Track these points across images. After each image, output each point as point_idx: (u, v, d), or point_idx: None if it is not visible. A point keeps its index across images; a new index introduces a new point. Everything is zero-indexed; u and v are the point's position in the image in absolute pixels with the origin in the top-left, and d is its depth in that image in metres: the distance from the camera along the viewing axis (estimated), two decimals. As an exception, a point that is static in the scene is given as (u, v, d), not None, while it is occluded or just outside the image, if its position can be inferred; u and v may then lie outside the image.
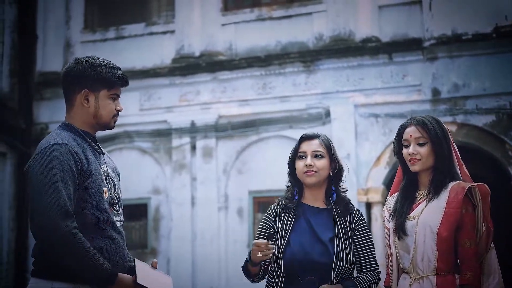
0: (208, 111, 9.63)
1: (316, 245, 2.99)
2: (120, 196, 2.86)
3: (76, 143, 2.70)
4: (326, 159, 3.08)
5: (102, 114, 2.81)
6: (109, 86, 2.79)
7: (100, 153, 2.84)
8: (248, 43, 9.66)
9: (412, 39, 8.85)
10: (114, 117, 2.86)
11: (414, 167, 3.03)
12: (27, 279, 9.83)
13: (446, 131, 3.07)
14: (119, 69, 2.85)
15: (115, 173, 2.92)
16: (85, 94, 2.77)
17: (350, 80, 9.06)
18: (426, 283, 2.91)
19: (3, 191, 9.91)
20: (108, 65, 2.79)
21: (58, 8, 10.66)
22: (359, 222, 3.09)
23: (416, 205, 3.04)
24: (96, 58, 2.83)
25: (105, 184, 2.73)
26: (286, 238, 3.04)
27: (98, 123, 2.83)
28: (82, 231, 2.57)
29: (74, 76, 2.78)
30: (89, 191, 2.65)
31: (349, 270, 3.01)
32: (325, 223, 3.06)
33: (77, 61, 2.81)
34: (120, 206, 2.84)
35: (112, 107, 2.83)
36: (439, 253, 2.89)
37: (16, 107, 10.34)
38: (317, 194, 3.11)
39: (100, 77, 2.77)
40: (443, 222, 2.89)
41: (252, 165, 9.46)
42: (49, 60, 10.53)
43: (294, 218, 3.08)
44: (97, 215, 2.62)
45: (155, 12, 10.59)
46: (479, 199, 2.92)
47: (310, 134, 3.18)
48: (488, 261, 2.97)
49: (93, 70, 2.77)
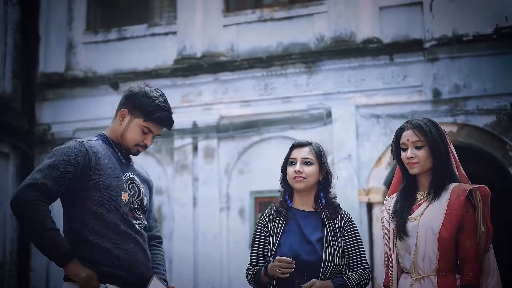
0: (209, 112, 9.65)
1: (305, 245, 3.12)
2: (144, 202, 3.02)
3: (100, 147, 2.92)
4: (315, 166, 3.22)
5: (126, 137, 2.98)
6: (146, 118, 2.95)
7: (125, 163, 3.01)
8: (249, 44, 9.69)
9: (413, 40, 8.87)
10: (137, 146, 3.01)
11: (413, 170, 3.08)
12: (30, 278, 9.91)
13: (443, 133, 3.11)
14: (166, 111, 2.98)
15: (144, 182, 3.09)
16: (123, 113, 2.99)
17: (351, 81, 9.08)
18: (427, 283, 2.96)
19: (6, 191, 9.94)
20: (158, 101, 2.95)
21: (61, 10, 10.68)
22: (347, 223, 3.23)
23: (417, 206, 3.08)
24: (153, 90, 3.00)
25: (125, 189, 2.90)
26: (277, 240, 3.18)
27: (122, 143, 3.01)
28: (101, 231, 2.80)
29: (126, 95, 3.02)
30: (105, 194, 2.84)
31: (339, 270, 3.12)
32: (314, 225, 3.19)
33: (140, 85, 3.04)
34: (143, 211, 3.01)
35: (139, 137, 2.98)
36: (440, 253, 2.94)
37: (19, 108, 10.36)
38: (307, 200, 3.26)
39: (142, 107, 2.94)
40: (444, 223, 2.94)
41: (253, 165, 9.48)
42: (51, 61, 10.56)
43: (285, 221, 3.23)
44: (114, 216, 2.80)
45: (157, 13, 10.62)
46: (479, 200, 2.97)
47: (300, 142, 3.32)
48: (487, 261, 3.02)
49: (141, 97, 2.95)
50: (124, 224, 2.87)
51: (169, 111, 3.00)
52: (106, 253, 2.79)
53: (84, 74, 10.39)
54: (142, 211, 3.00)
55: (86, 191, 2.83)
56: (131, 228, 2.89)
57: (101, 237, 2.81)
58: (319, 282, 3.01)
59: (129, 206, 2.90)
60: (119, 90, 10.01)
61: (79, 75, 10.39)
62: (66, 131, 10.26)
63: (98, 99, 10.10)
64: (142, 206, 3.00)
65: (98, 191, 2.83)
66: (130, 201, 2.91)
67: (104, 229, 2.83)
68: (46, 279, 9.87)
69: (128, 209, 2.89)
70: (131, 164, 3.07)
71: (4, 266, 9.77)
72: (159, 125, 2.99)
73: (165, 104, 2.98)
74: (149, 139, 3.00)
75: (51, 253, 2.73)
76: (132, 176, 3.00)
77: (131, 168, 3.04)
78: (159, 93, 3.01)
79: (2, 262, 9.75)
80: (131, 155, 3.10)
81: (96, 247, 2.81)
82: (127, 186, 2.93)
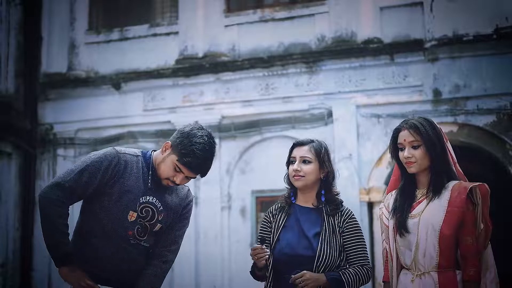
0: (211, 111, 9.68)
1: (301, 240, 3.18)
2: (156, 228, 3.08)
3: (135, 164, 3.01)
4: (314, 165, 3.27)
5: (160, 167, 3.04)
6: (179, 158, 2.98)
7: (152, 187, 3.04)
8: (251, 44, 9.72)
9: (414, 40, 8.89)
10: (167, 180, 3.04)
11: (411, 169, 3.14)
12: (33, 278, 9.95)
13: (439, 131, 3.15)
14: (198, 159, 2.96)
15: (169, 211, 3.13)
16: (167, 145, 3.06)
17: (352, 81, 9.10)
18: (427, 279, 3.01)
19: (9, 191, 9.98)
20: (195, 148, 2.95)
21: (63, 10, 10.72)
22: (348, 220, 3.26)
23: (417, 203, 3.13)
24: (199, 136, 2.98)
25: (135, 209, 2.98)
26: (277, 235, 3.25)
27: (157, 171, 3.06)
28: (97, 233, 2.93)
29: (178, 130, 3.07)
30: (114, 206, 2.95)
31: (335, 265, 3.14)
32: (313, 220, 3.24)
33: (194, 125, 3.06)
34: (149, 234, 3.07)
35: (170, 172, 3.02)
36: (441, 250, 2.99)
37: (21, 108, 10.40)
38: (308, 196, 3.32)
39: (179, 146, 2.97)
40: (445, 220, 2.99)
41: (255, 165, 9.52)
42: (54, 61, 10.60)
43: (286, 217, 3.30)
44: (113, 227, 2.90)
45: (158, 14, 10.64)
46: (479, 198, 3.02)
47: (301, 141, 3.38)
48: (486, 257, 3.07)
49: (184, 137, 2.98)
50: (121, 237, 2.98)
51: (203, 159, 2.97)
52: (94, 253, 2.93)
53: (86, 74, 10.42)
54: (150, 235, 3.08)
55: (101, 195, 2.95)
56: (126, 242, 3.00)
57: (94, 237, 2.96)
58: (309, 273, 3.04)
59: (133, 225, 2.99)
60: (121, 90, 10.06)
61: (81, 75, 10.43)
62: (68, 131, 10.32)
63: (100, 99, 10.15)
64: (151, 231, 3.07)
65: (110, 201, 2.94)
66: (137, 221, 3.00)
67: (99, 232, 2.96)
68: (48, 279, 9.90)
69: (131, 227, 2.98)
70: (160, 190, 3.09)
71: (6, 265, 9.80)
72: (188, 170, 3.00)
73: (202, 152, 2.96)
74: (179, 178, 3.02)
75: (51, 252, 2.86)
76: (152, 201, 3.05)
77: (156, 194, 3.07)
78: (203, 139, 2.98)
79: (5, 261, 9.79)
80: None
81: (89, 245, 2.94)
82: (139, 207, 3.00)
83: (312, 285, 3.03)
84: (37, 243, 10.02)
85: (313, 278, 3.04)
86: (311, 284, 3.02)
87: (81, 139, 10.25)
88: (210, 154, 3.02)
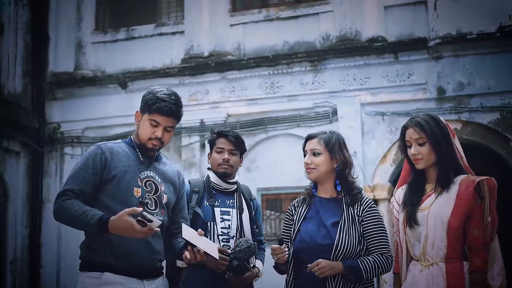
0: (217, 110, 9.74)
1: (320, 230, 3.22)
2: (163, 199, 3.14)
3: (119, 148, 3.10)
4: (323, 156, 3.32)
5: (139, 134, 3.14)
6: (149, 111, 3.07)
7: (145, 162, 3.12)
8: (256, 43, 9.77)
9: (418, 39, 8.94)
10: (151, 140, 3.11)
11: (418, 166, 3.25)
12: (41, 275, 10.05)
13: (444, 127, 3.24)
14: (165, 101, 3.04)
15: (168, 182, 3.20)
16: (137, 114, 3.17)
17: (357, 79, 9.15)
18: (435, 269, 3.11)
19: (17, 189, 10.07)
20: (159, 94, 3.06)
21: (70, 10, 10.79)
22: (367, 209, 3.26)
23: (426, 197, 3.23)
24: (160, 87, 3.13)
25: (139, 185, 3.04)
26: (298, 226, 3.30)
27: (139, 141, 3.15)
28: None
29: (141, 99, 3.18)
30: (117, 188, 3.00)
31: (354, 254, 3.15)
32: (332, 210, 3.28)
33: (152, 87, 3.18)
34: (159, 207, 3.11)
35: (148, 131, 3.09)
36: (449, 241, 3.08)
37: (29, 107, 10.48)
38: (327, 187, 3.36)
39: (145, 103, 3.10)
40: (453, 213, 3.08)
41: (260, 163, 9.56)
42: (61, 60, 10.67)
43: (308, 208, 3.35)
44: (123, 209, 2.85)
45: (164, 13, 10.71)
46: (486, 191, 3.11)
47: (311, 134, 3.45)
48: (493, 249, 3.16)
49: (147, 95, 3.12)
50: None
51: (170, 100, 3.05)
52: (105, 241, 2.92)
53: (93, 74, 10.50)
54: (160, 207, 3.12)
55: (103, 184, 3.01)
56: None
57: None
58: (325, 261, 3.06)
59: (140, 201, 3.03)
60: (127, 89, 10.14)
61: (88, 75, 10.51)
62: (76, 130, 10.39)
63: (106, 98, 10.22)
64: (160, 203, 3.12)
65: (112, 185, 3.00)
66: (143, 196, 3.05)
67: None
68: (56, 275, 10.00)
69: (139, 203, 3.01)
70: (154, 165, 3.18)
71: (15, 262, 9.89)
72: (161, 115, 3.05)
73: (166, 95, 3.05)
74: (159, 131, 3.07)
75: (87, 230, 2.94)
76: (150, 174, 3.12)
77: (152, 168, 3.15)
78: (164, 88, 3.12)
79: (14, 258, 9.88)
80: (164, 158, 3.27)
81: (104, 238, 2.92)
82: (142, 183, 3.06)
83: (328, 273, 3.06)
84: (45, 240, 10.13)
85: (329, 265, 3.06)
86: (327, 272, 3.05)
87: (88, 137, 10.32)
88: (175, 96, 3.10)
